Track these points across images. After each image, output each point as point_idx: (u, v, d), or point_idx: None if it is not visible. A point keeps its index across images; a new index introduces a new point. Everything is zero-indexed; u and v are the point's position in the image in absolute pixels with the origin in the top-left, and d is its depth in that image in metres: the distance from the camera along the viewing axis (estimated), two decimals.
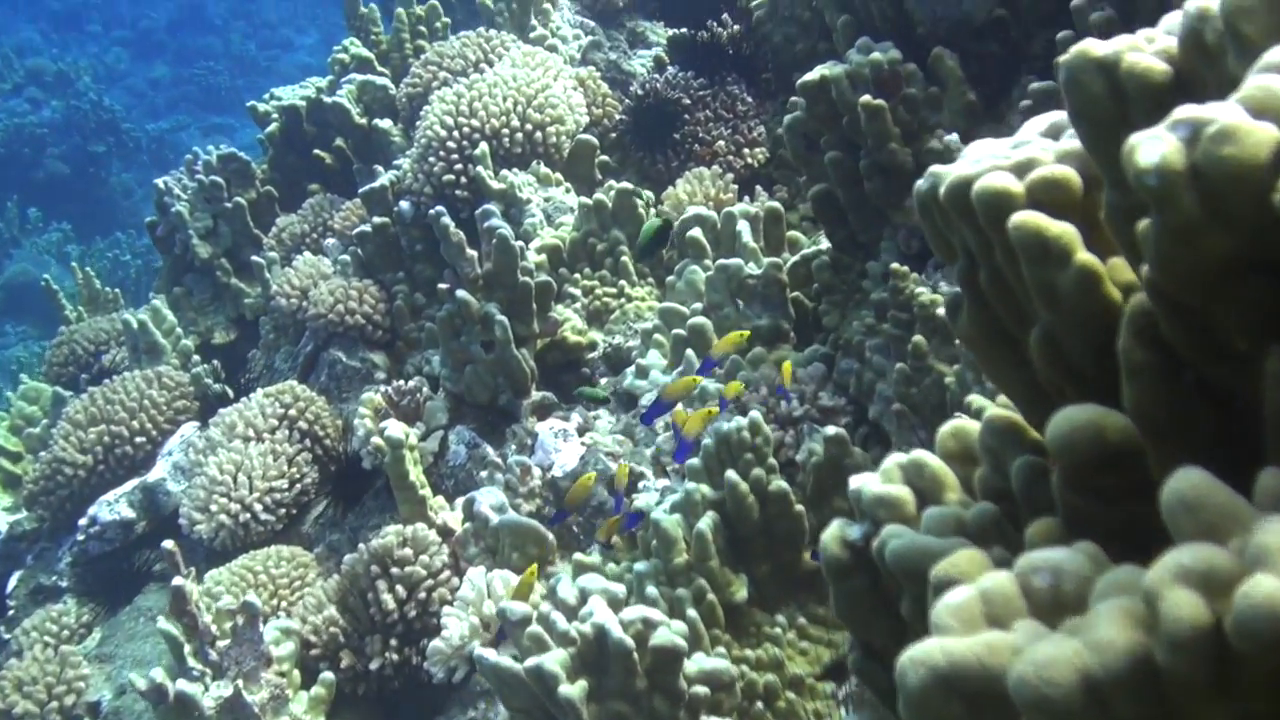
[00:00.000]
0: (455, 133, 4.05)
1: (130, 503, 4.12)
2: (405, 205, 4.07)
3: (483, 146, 3.99)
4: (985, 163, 1.00)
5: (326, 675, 3.03)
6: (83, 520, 4.11)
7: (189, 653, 2.96)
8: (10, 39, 16.35)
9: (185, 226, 4.94)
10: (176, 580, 2.90)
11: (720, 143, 4.17)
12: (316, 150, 5.12)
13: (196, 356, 4.69)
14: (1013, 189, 0.95)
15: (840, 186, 2.99)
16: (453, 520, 3.19)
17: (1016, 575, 0.83)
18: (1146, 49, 0.85)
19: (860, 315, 2.98)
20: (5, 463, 4.74)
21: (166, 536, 3.93)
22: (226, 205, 4.96)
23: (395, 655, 3.07)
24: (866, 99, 2.76)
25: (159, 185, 5.07)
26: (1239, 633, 0.60)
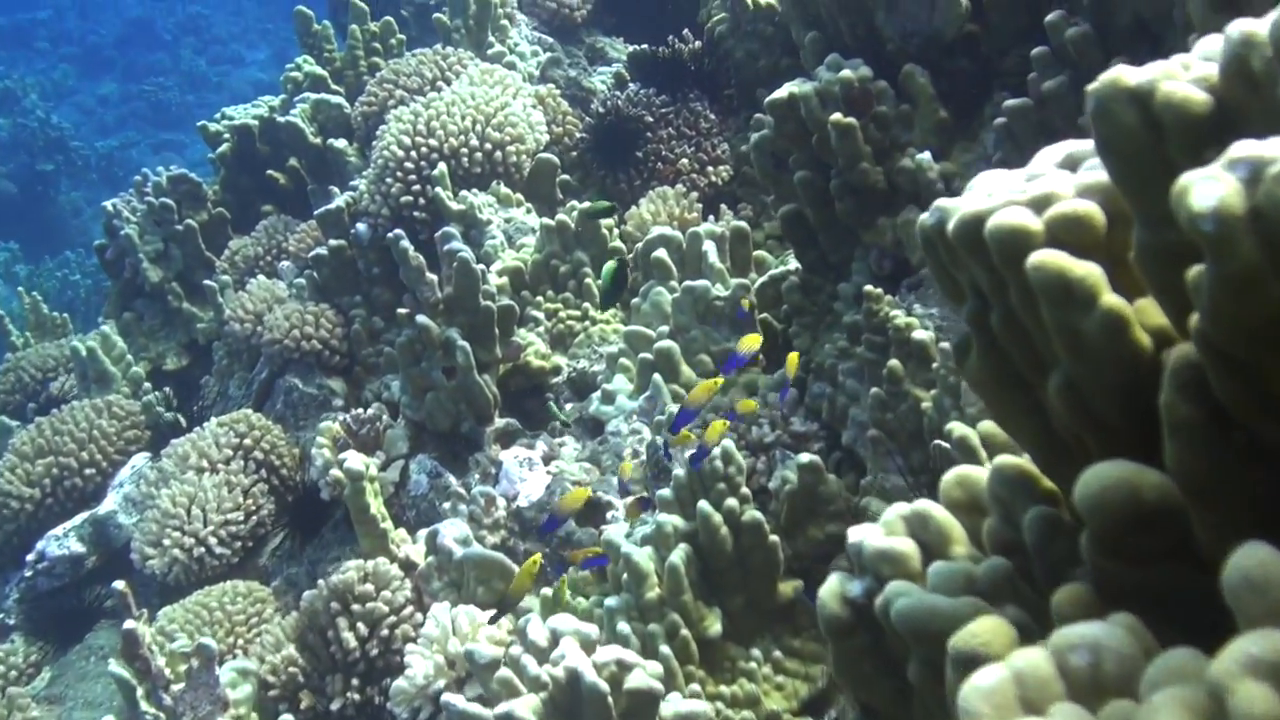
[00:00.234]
0: (413, 153, 3.96)
1: (80, 537, 3.99)
2: (362, 227, 3.98)
3: (441, 167, 3.90)
4: (998, 197, 0.92)
5: (286, 718, 2.91)
6: (30, 555, 3.98)
7: (141, 696, 2.84)
8: None
9: (135, 250, 4.81)
10: (128, 623, 2.78)
11: (684, 161, 4.11)
12: (270, 170, 5.00)
13: (148, 384, 4.56)
14: (1031, 226, 0.88)
15: (810, 206, 2.92)
16: (415, 554, 3.09)
17: (1052, 653, 0.76)
18: (1183, 76, 0.78)
19: (832, 338, 2.92)
20: None
21: (118, 571, 3.82)
22: (178, 228, 4.83)
23: (357, 695, 2.96)
24: (837, 117, 2.69)
25: (107, 208, 4.94)
26: None
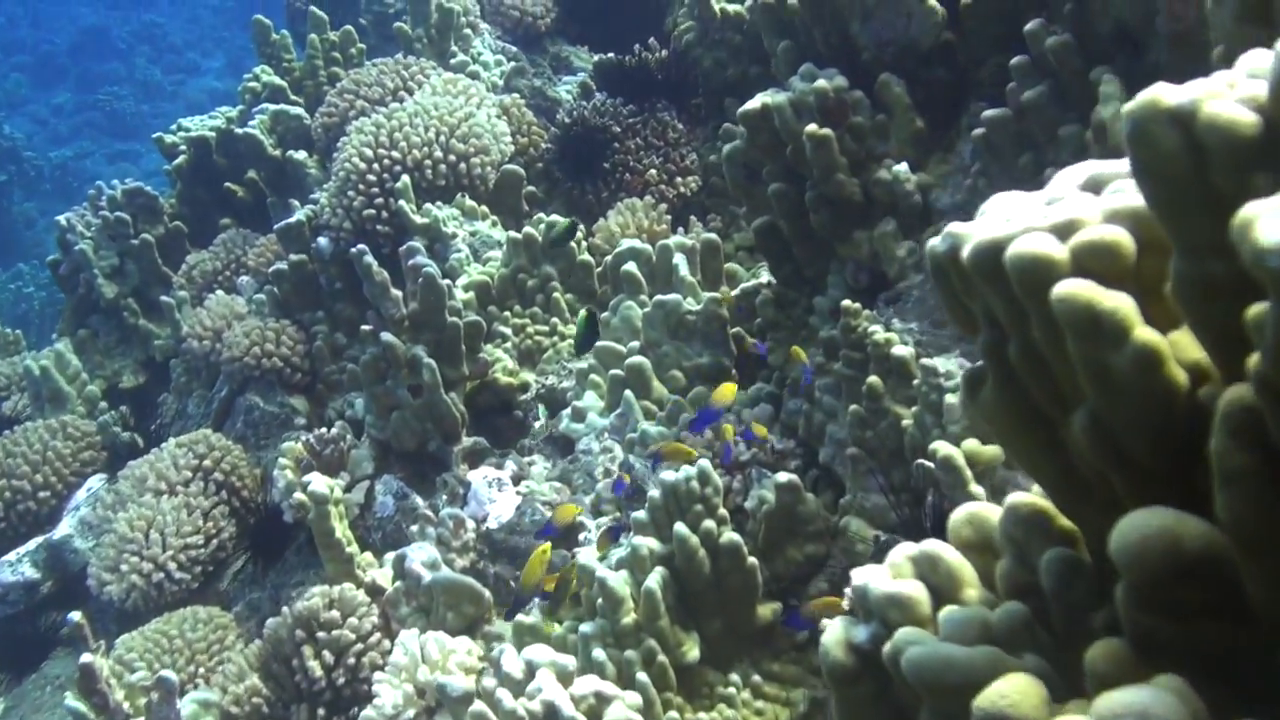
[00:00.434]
0: (375, 165, 3.87)
1: (34, 562, 3.88)
2: (324, 241, 3.89)
3: (404, 179, 3.82)
4: (1018, 222, 0.86)
5: None
6: None
7: None
8: None
9: (90, 265, 4.71)
10: (85, 657, 2.68)
11: (652, 172, 4.04)
12: (228, 183, 4.90)
13: (104, 403, 4.45)
14: (1055, 255, 0.82)
15: (784, 219, 2.87)
16: (382, 578, 3.00)
17: None
18: (1228, 96, 0.72)
19: (808, 353, 2.86)
20: None
21: (74, 596, 3.71)
22: (133, 242, 4.73)
23: None
24: (812, 128, 2.64)
25: (61, 222, 4.83)
26: None
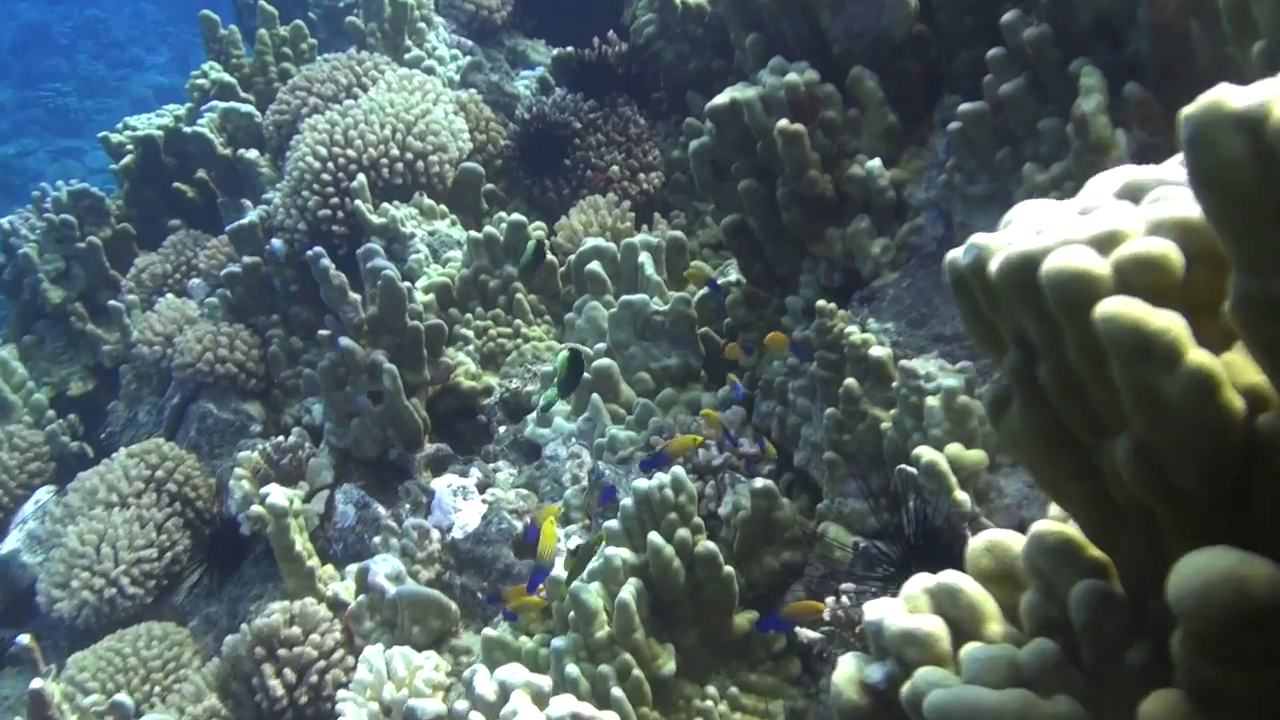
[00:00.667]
0: (330, 164, 3.76)
1: None
2: (278, 243, 3.77)
3: (360, 178, 3.72)
4: (1052, 234, 0.79)
5: None
6: None
7: None
8: None
9: (34, 269, 4.57)
10: (35, 682, 2.57)
11: (614, 168, 3.96)
12: (177, 183, 4.77)
13: (51, 411, 4.31)
14: (1096, 270, 0.75)
15: (755, 217, 2.79)
16: (344, 592, 2.91)
17: None
18: None
19: (781, 354, 2.79)
20: None
21: (22, 614, 3.60)
22: (79, 245, 4.59)
23: None
24: (784, 124, 2.57)
25: (4, 225, 4.69)
26: None
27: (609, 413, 3.03)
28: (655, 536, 2.35)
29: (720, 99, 2.71)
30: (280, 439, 3.34)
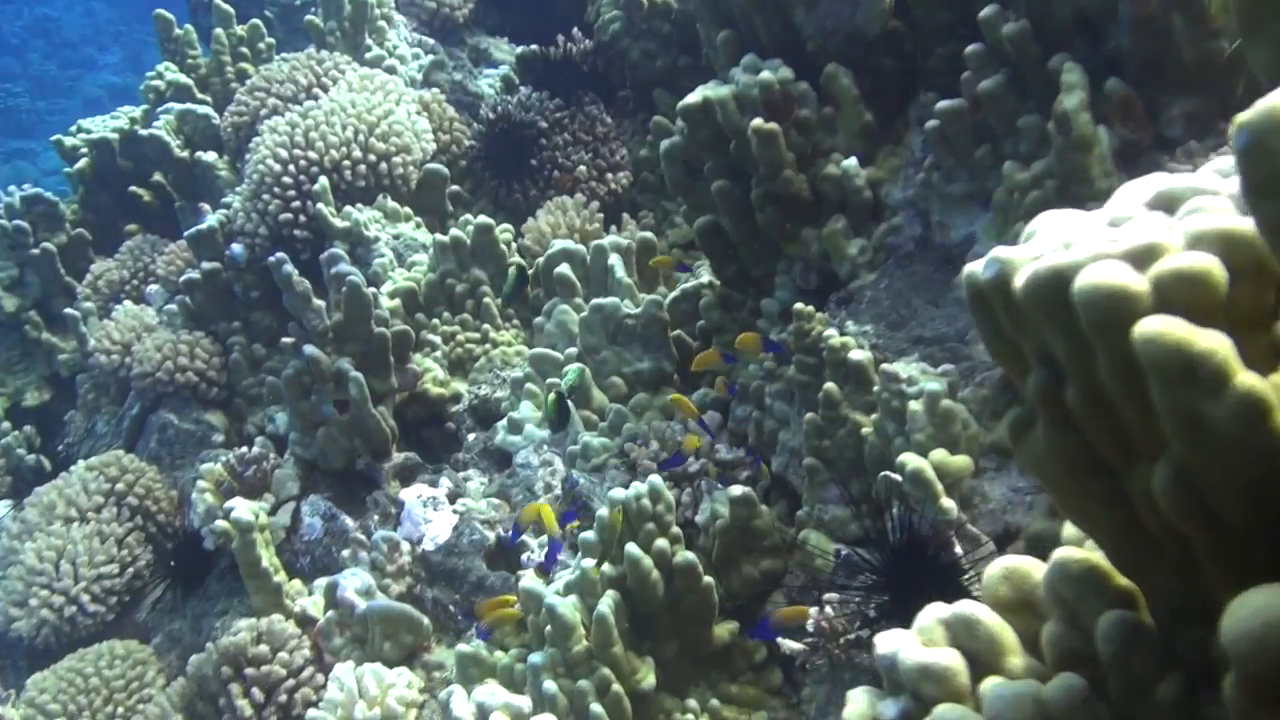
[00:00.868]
0: (291, 166, 3.68)
1: None
2: (238, 248, 3.69)
3: (322, 181, 3.64)
4: (1083, 248, 0.74)
5: None
6: None
7: None
8: None
9: None
10: None
11: (581, 168, 3.89)
12: (133, 187, 4.67)
13: (6, 423, 4.21)
14: (1134, 286, 0.69)
15: (728, 217, 2.74)
16: (313, 607, 2.84)
17: None
18: None
19: (754, 356, 2.74)
20: None
21: None
22: (34, 252, 4.48)
23: None
24: (758, 123, 2.51)
25: None
26: None
27: (581, 419, 2.97)
28: (633, 547, 2.30)
29: (692, 97, 2.65)
30: (244, 450, 3.26)
